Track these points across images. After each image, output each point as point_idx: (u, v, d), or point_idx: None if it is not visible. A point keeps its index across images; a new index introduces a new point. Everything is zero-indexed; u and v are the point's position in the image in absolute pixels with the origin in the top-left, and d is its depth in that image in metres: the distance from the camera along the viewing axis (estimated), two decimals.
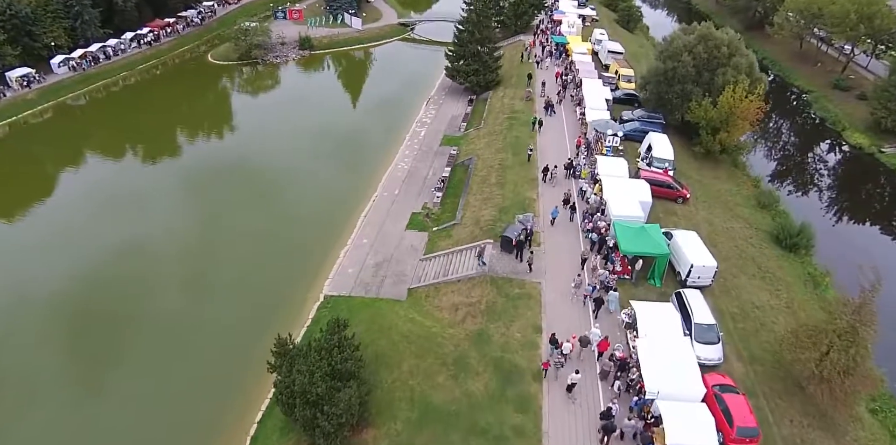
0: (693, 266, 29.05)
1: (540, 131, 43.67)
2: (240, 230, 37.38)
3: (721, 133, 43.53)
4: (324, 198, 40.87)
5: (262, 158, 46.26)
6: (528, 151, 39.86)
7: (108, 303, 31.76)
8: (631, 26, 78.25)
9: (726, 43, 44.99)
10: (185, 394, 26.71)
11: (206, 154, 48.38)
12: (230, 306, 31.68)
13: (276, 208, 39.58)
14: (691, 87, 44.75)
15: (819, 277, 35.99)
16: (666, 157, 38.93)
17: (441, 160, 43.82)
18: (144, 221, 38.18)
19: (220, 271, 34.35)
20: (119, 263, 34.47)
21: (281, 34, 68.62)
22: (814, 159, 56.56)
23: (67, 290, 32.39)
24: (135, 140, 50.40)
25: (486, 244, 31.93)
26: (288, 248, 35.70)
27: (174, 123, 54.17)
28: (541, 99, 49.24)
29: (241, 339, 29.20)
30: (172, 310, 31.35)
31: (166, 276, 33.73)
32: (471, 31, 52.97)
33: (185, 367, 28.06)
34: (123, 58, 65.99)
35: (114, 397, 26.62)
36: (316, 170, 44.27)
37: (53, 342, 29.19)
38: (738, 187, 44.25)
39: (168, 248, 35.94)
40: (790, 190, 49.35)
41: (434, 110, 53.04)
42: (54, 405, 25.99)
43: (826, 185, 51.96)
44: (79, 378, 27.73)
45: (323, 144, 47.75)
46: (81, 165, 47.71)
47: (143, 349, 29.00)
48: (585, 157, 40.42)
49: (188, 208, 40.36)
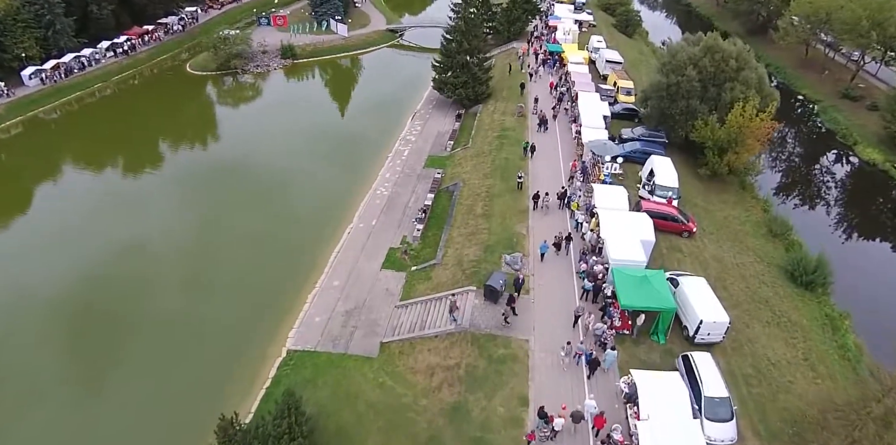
0: (703, 323, 24.96)
1: (532, 157, 39.33)
2: (200, 280, 32.74)
3: (729, 154, 39.31)
4: (294, 233, 36.21)
5: (228, 183, 41.77)
6: (518, 179, 35.67)
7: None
8: (630, 31, 73.75)
9: (734, 55, 40.66)
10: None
11: (167, 176, 44.00)
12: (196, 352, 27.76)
13: (242, 245, 35.06)
14: (696, 103, 40.48)
15: (838, 319, 31.95)
16: (670, 184, 34.72)
17: (424, 185, 39.64)
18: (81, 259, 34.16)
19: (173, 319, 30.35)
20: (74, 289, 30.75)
21: (263, 42, 64.26)
22: (824, 176, 52.21)
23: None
24: (93, 162, 46.32)
25: (462, 294, 27.79)
26: (251, 293, 31.50)
27: (137, 142, 49.57)
28: (533, 116, 45.02)
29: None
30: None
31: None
32: (459, 40, 48.61)
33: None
34: (98, 68, 61.58)
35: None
36: (287, 200, 39.59)
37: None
38: (746, 212, 40.04)
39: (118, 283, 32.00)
40: (800, 211, 44.94)
41: (420, 126, 48.76)
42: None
43: (837, 204, 47.66)
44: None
45: (297, 168, 43.37)
46: (59, 180, 43.89)
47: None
48: (581, 182, 36.25)
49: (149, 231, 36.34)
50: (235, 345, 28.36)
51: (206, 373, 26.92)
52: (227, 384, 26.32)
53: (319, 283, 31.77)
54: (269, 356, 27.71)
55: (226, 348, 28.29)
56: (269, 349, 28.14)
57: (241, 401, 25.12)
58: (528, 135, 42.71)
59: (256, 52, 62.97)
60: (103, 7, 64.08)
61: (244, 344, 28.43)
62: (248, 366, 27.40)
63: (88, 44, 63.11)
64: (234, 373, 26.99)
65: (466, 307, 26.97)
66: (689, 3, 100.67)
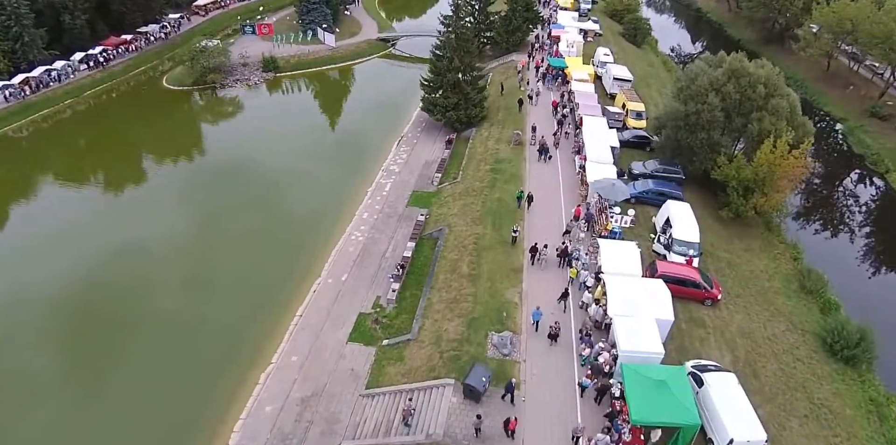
0: (734, 443, 19.25)
1: (528, 209, 32.56)
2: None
3: (756, 196, 33.31)
4: (252, 293, 30.22)
5: (179, 229, 35.62)
6: (514, 233, 29.67)
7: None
8: (638, 40, 67.14)
9: (763, 80, 34.51)
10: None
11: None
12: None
13: (187, 314, 29.21)
14: (719, 135, 34.45)
15: (885, 405, 26.17)
16: (691, 239, 28.77)
17: (406, 228, 33.89)
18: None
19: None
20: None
21: (244, 53, 58.34)
22: (857, 210, 45.31)
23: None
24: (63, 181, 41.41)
25: (437, 388, 22.16)
26: (191, 376, 25.87)
27: (88, 172, 44.26)
28: (531, 144, 39.12)
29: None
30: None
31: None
32: (449, 57, 42.55)
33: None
34: (70, 83, 55.99)
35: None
36: (248, 248, 33.49)
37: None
38: (774, 262, 34.05)
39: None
40: (834, 255, 38.28)
41: (406, 153, 42.85)
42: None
43: (876, 247, 41.03)
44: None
45: (262, 207, 37.36)
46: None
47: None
48: (585, 232, 30.37)
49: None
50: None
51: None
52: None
53: (276, 358, 26.22)
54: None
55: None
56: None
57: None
58: (526, 168, 36.79)
59: (236, 65, 57.12)
60: (77, 17, 58.34)
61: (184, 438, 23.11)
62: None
63: (62, 56, 57.62)
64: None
65: (441, 407, 21.35)
66: (699, 8, 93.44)
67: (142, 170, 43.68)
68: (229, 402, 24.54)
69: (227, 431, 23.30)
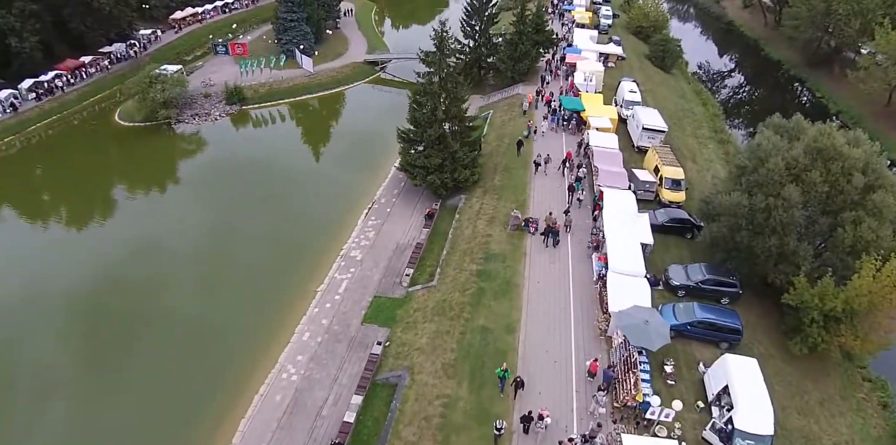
0: None
1: (517, 396, 20.15)
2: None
3: (846, 334, 22.04)
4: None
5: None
6: (497, 431, 18.33)
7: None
8: (667, 64, 54.64)
9: (861, 166, 22.90)
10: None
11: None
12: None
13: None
14: (795, 243, 23.03)
15: None
16: (763, 432, 17.55)
17: (353, 364, 23.11)
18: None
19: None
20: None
21: (207, 81, 47.46)
22: None
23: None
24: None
25: None
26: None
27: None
28: (531, 232, 28.04)
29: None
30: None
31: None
32: (433, 106, 31.19)
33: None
34: (15, 116, 45.79)
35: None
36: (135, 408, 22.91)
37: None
38: (863, 420, 22.96)
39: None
40: None
41: (374, 230, 31.75)
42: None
43: None
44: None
45: (170, 324, 26.21)
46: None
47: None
48: (602, 409, 19.27)
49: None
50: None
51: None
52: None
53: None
54: None
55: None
56: None
57: None
58: (525, 272, 25.69)
59: (197, 96, 46.26)
60: (25, 39, 47.75)
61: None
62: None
63: (8, 84, 47.41)
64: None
65: None
66: (731, 20, 79.71)
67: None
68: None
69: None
